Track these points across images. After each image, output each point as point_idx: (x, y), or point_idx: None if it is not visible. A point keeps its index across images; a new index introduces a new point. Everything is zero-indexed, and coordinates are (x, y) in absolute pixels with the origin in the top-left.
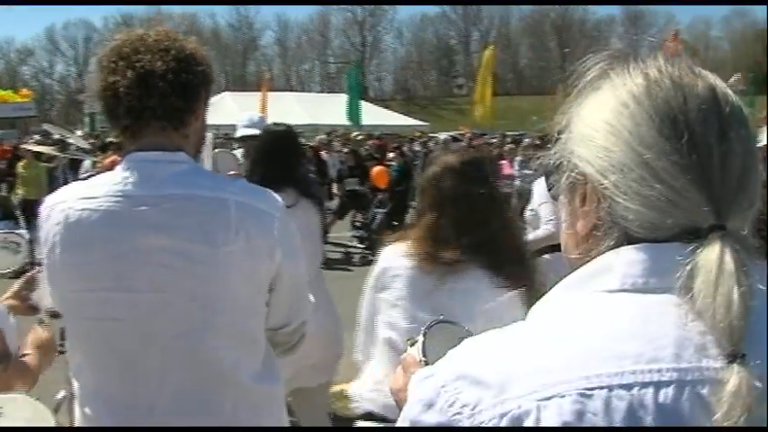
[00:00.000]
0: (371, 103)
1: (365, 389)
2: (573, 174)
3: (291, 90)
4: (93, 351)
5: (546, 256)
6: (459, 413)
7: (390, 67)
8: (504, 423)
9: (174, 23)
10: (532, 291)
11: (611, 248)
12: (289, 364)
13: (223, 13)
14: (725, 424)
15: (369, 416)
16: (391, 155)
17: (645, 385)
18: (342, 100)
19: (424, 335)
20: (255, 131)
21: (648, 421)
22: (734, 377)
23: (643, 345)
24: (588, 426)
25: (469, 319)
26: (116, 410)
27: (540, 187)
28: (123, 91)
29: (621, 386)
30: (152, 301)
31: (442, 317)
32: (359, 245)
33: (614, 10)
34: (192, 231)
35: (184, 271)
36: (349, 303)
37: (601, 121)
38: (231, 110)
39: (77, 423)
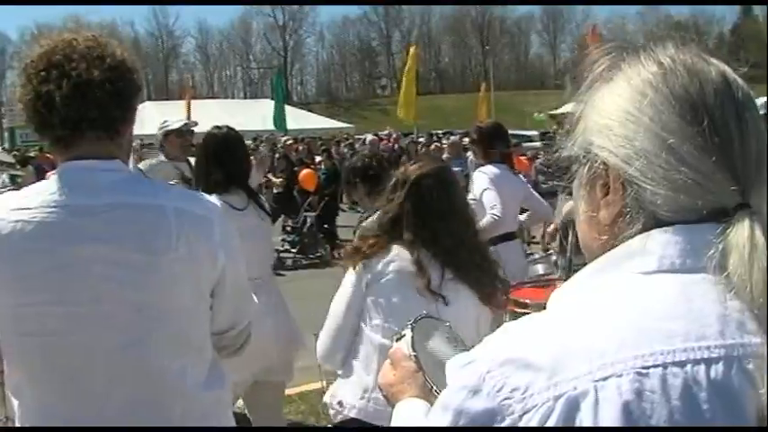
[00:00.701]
0: (295, 107)
1: (352, 396)
2: (594, 165)
3: (215, 97)
4: (34, 368)
5: (491, 247)
6: (509, 398)
7: (313, 70)
8: (559, 406)
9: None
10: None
11: (639, 232)
12: (247, 366)
13: (141, 21)
14: None
15: (353, 423)
16: (318, 158)
17: (696, 362)
18: (266, 105)
19: (412, 329)
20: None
21: (702, 397)
22: None
23: (689, 323)
24: (648, 403)
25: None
26: (56, 418)
27: (481, 176)
28: (60, 101)
29: (675, 363)
30: (93, 314)
31: (425, 312)
32: (290, 249)
33: (534, 8)
34: (132, 240)
35: (126, 281)
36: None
37: (619, 110)
38: (154, 119)
39: None
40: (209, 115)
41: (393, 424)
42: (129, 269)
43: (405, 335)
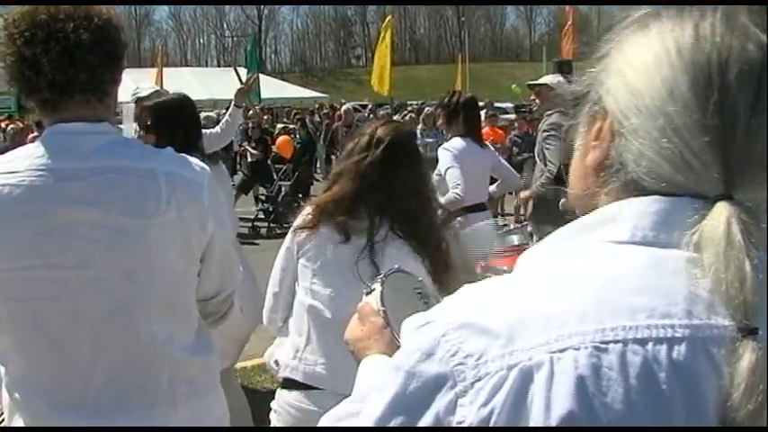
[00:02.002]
0: (269, 76)
1: (285, 356)
2: (596, 106)
3: (188, 65)
4: (21, 334)
5: (458, 218)
6: (462, 363)
7: (287, 39)
8: (512, 376)
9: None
10: (445, 268)
11: (617, 192)
12: (216, 339)
13: None
14: (745, 403)
15: (291, 383)
16: (280, 125)
17: (659, 341)
18: (240, 73)
19: (382, 283)
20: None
21: (662, 377)
22: (749, 353)
23: (655, 299)
24: (605, 379)
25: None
26: (48, 393)
27: (445, 153)
28: (47, 65)
29: (636, 341)
30: (82, 279)
31: (397, 266)
32: (265, 218)
33: None
34: (121, 204)
35: (115, 245)
36: (260, 277)
37: (639, 61)
38: (127, 86)
39: (6, 410)
40: (183, 83)
41: (357, 380)
42: (118, 233)
43: (374, 289)
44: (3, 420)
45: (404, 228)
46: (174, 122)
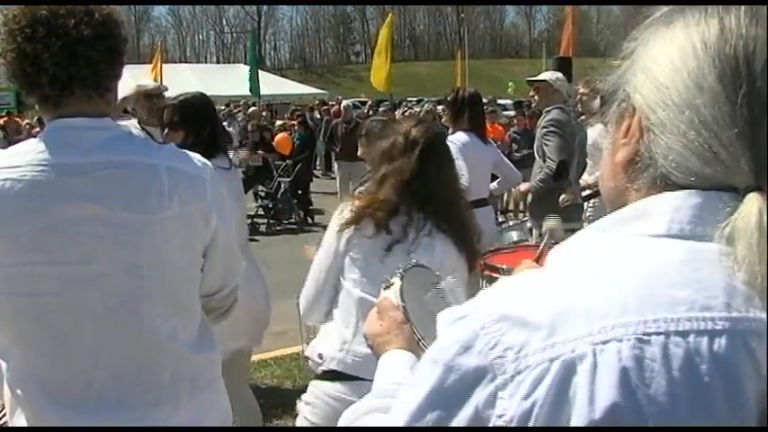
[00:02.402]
0: (268, 72)
1: (331, 348)
2: (625, 103)
3: (187, 61)
4: (24, 329)
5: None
6: (501, 356)
7: (287, 35)
8: (554, 368)
9: None
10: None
11: (647, 188)
12: (235, 338)
13: None
14: None
15: (335, 375)
16: (279, 121)
17: (700, 333)
18: (239, 70)
19: (401, 278)
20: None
21: (703, 370)
22: None
23: (695, 292)
24: (648, 371)
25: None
26: (50, 389)
27: (450, 145)
28: (48, 61)
29: (678, 333)
30: (84, 274)
31: (415, 261)
32: (264, 215)
33: None
34: (124, 199)
35: (118, 240)
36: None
37: (665, 56)
38: (126, 83)
39: (8, 406)
40: (181, 80)
41: (377, 375)
42: (121, 228)
43: (393, 283)
44: (4, 417)
45: (445, 223)
46: (200, 120)
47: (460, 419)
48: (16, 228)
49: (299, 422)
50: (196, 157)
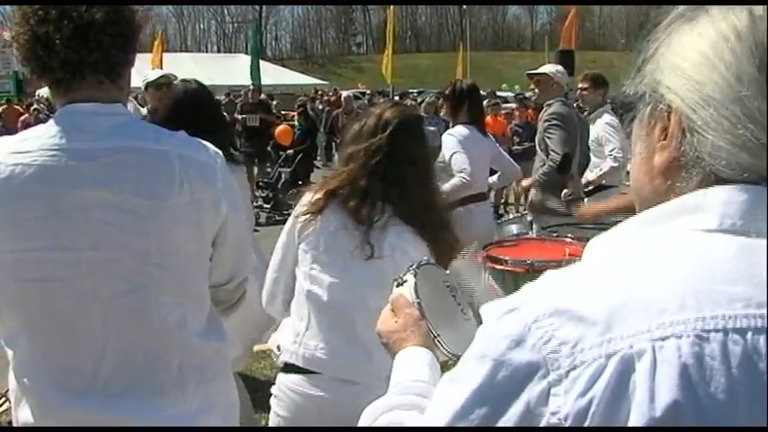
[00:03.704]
0: (269, 62)
1: (286, 340)
2: (660, 105)
3: (188, 50)
4: (31, 315)
5: (460, 208)
6: (555, 351)
7: (288, 25)
8: (612, 364)
9: None
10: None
11: (696, 186)
12: (244, 334)
13: None
14: None
15: (291, 368)
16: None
17: (758, 330)
18: (239, 60)
19: (415, 275)
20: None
21: (762, 368)
22: None
23: (752, 288)
24: (708, 369)
25: (393, 276)
26: (57, 377)
27: (450, 139)
28: (60, 44)
29: (736, 330)
30: (93, 260)
31: (426, 258)
32: (264, 205)
33: None
34: (134, 185)
35: (127, 226)
36: None
37: (696, 52)
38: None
39: (13, 396)
40: (182, 69)
41: (395, 372)
42: (131, 214)
43: (407, 280)
44: (6, 403)
45: (405, 212)
46: (190, 115)
47: (510, 417)
48: (25, 213)
49: (271, 417)
50: (208, 145)
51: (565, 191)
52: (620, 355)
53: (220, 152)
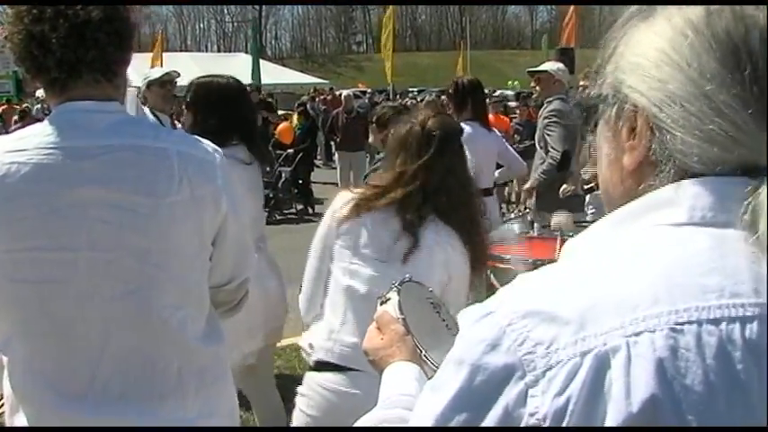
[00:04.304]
0: (269, 61)
1: (320, 338)
2: (625, 105)
3: (188, 50)
4: (27, 317)
5: None
6: (531, 352)
7: (288, 24)
8: (587, 362)
9: None
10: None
11: (668, 183)
12: (259, 329)
13: None
14: None
15: (324, 365)
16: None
17: (731, 320)
18: (239, 59)
19: (398, 292)
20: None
21: (737, 357)
22: None
23: (723, 279)
24: (684, 361)
25: (429, 272)
26: (53, 381)
27: None
28: (56, 43)
29: (710, 321)
30: (91, 260)
31: (409, 276)
32: (265, 204)
33: None
34: (133, 183)
35: (126, 225)
36: None
37: (655, 50)
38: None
39: (8, 405)
40: (182, 68)
41: (384, 388)
42: (130, 212)
43: (390, 298)
44: (1, 407)
45: (448, 214)
46: (211, 104)
47: (490, 420)
48: (21, 212)
49: (295, 414)
50: (206, 142)
51: (564, 187)
52: (595, 352)
53: (219, 150)
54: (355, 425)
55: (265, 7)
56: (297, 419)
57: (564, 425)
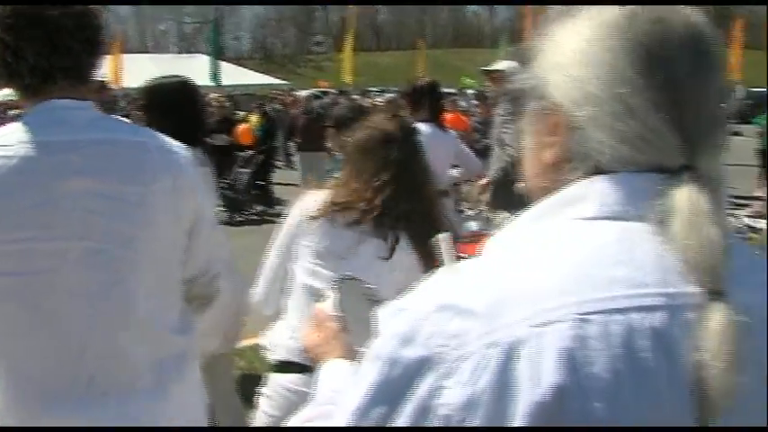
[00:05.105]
0: (229, 62)
1: (282, 337)
2: (546, 102)
3: (148, 52)
4: (9, 312)
5: None
6: (443, 345)
7: (248, 25)
8: (496, 353)
9: None
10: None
11: (583, 179)
12: (220, 328)
13: None
14: (713, 362)
15: (287, 365)
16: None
17: (638, 310)
18: (199, 60)
19: (336, 290)
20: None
21: (644, 345)
22: (718, 315)
23: (631, 270)
24: (591, 351)
25: (391, 275)
26: (37, 380)
27: None
28: (30, 51)
29: (616, 311)
30: (81, 251)
31: (348, 273)
32: (225, 207)
33: None
34: (118, 173)
35: (114, 214)
36: None
37: (576, 50)
38: None
39: None
40: (141, 70)
41: (319, 386)
42: (117, 201)
43: (328, 295)
44: None
45: (411, 216)
46: (166, 107)
47: (406, 413)
48: (9, 204)
49: (258, 415)
50: (173, 140)
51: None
52: (503, 343)
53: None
54: (287, 424)
55: (225, 8)
56: (259, 420)
57: (477, 415)
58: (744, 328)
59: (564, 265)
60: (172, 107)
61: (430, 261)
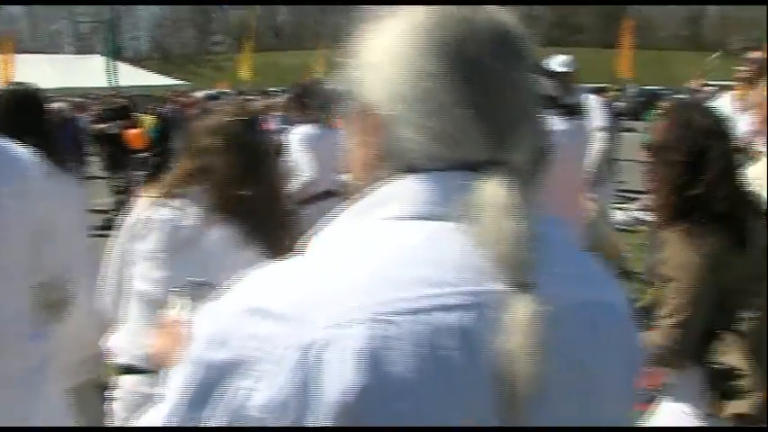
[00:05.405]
0: (128, 63)
1: (123, 342)
2: (360, 101)
3: (42, 52)
4: None
5: (312, 203)
6: (251, 347)
7: (146, 25)
8: (302, 355)
9: None
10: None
11: (395, 178)
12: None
13: None
14: (518, 353)
15: (129, 369)
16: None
17: (442, 309)
18: (96, 61)
19: (181, 296)
20: None
21: (447, 344)
22: (523, 307)
23: (434, 270)
24: (394, 350)
25: (219, 273)
26: None
27: (292, 139)
28: None
29: (419, 310)
30: None
31: (197, 279)
32: (120, 209)
33: None
34: None
35: None
36: None
37: (385, 50)
38: None
39: None
40: (36, 71)
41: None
42: None
43: (174, 302)
44: None
45: (242, 213)
46: (16, 118)
47: (217, 415)
48: None
49: (117, 418)
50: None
51: None
52: (308, 345)
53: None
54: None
55: (121, 7)
56: (117, 421)
57: (287, 416)
58: (549, 318)
59: (366, 266)
60: (11, 115)
61: (272, 255)
